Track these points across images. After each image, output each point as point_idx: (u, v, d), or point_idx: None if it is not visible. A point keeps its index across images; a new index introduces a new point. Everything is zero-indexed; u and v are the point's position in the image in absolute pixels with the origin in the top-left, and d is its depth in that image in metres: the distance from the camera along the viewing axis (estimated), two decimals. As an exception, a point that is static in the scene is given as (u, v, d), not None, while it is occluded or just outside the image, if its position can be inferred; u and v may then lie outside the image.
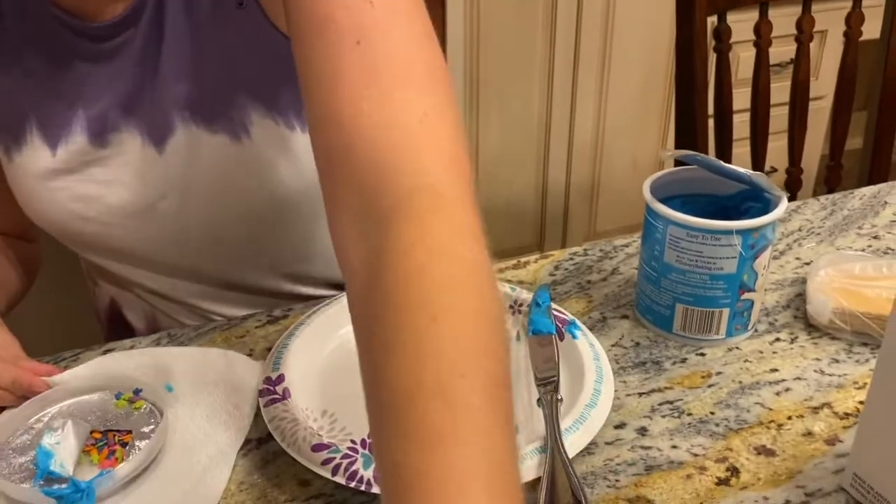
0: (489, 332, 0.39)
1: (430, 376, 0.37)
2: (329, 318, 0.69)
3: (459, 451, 0.35)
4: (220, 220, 0.73)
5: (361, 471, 0.52)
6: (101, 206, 0.71)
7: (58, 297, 1.24)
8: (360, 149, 0.45)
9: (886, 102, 1.21)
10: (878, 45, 1.28)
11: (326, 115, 0.47)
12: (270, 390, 0.60)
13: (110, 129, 0.69)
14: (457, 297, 0.40)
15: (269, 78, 0.69)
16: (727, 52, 1.16)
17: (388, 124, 0.45)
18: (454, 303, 0.39)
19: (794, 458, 0.56)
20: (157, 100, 0.68)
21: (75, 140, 0.69)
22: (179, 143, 0.69)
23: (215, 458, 0.57)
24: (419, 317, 0.39)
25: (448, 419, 0.35)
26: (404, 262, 0.41)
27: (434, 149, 0.45)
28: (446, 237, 0.42)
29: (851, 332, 0.67)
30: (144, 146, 0.69)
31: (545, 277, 0.78)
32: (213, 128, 0.68)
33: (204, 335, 0.71)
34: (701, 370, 0.65)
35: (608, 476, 0.55)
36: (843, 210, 0.88)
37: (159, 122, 0.68)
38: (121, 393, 0.61)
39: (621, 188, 2.09)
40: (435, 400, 0.36)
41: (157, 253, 0.75)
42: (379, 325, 0.40)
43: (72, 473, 0.54)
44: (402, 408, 0.37)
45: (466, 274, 0.41)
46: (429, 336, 0.38)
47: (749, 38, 1.18)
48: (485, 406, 0.36)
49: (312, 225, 0.78)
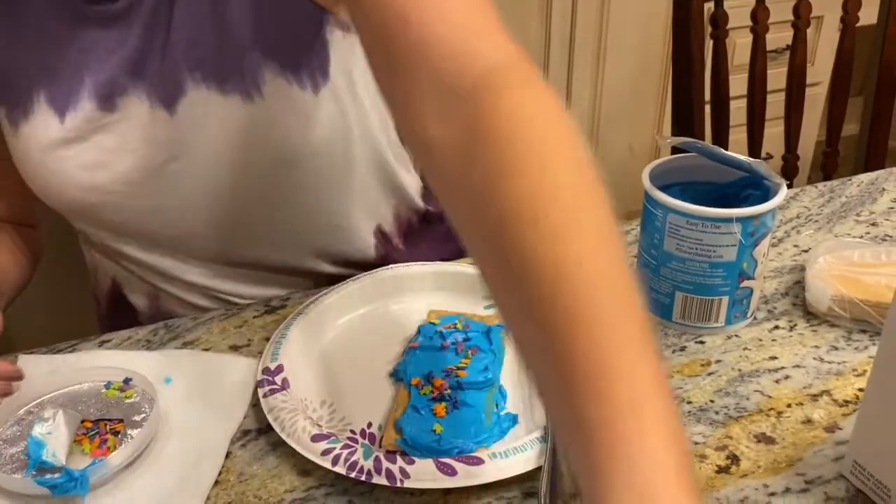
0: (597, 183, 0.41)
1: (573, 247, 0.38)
2: (327, 307, 0.69)
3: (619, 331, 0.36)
4: (227, 185, 0.72)
5: (361, 461, 0.52)
6: (109, 172, 0.70)
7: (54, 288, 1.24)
8: (432, 41, 0.46)
9: (883, 88, 1.21)
10: (874, 31, 1.28)
11: (391, 18, 0.48)
12: (269, 380, 0.60)
13: (118, 94, 0.68)
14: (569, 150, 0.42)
15: (287, 38, 0.68)
16: (724, 38, 1.16)
17: (452, 18, 0.47)
18: (563, 156, 0.41)
19: (793, 445, 0.56)
20: (168, 62, 0.68)
21: (83, 106, 0.68)
22: (190, 104, 0.68)
23: (209, 446, 0.57)
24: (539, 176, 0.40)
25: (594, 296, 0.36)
26: (507, 124, 0.42)
27: (502, 33, 0.47)
28: (541, 101, 0.43)
29: (850, 319, 0.67)
30: (154, 109, 0.69)
31: (543, 266, 0.78)
32: (225, 88, 0.68)
33: (202, 325, 0.71)
34: (700, 358, 0.65)
35: (608, 465, 0.55)
36: (841, 197, 0.88)
37: (169, 85, 0.68)
38: (111, 382, 0.61)
39: (617, 174, 2.07)
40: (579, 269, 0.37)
41: (164, 224, 0.74)
42: (495, 192, 0.40)
43: (64, 463, 0.54)
44: (551, 282, 0.37)
45: (566, 129, 0.42)
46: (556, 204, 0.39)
47: (746, 24, 1.17)
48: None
49: (322, 194, 0.77)
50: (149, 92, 0.68)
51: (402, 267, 0.73)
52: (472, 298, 0.71)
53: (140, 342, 0.69)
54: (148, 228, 0.74)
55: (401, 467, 0.52)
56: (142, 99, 0.68)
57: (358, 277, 0.72)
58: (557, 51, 1.88)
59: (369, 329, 0.69)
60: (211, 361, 0.65)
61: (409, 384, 0.60)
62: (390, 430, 0.56)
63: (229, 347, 0.68)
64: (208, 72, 0.68)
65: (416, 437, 0.54)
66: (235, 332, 0.70)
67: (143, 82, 0.68)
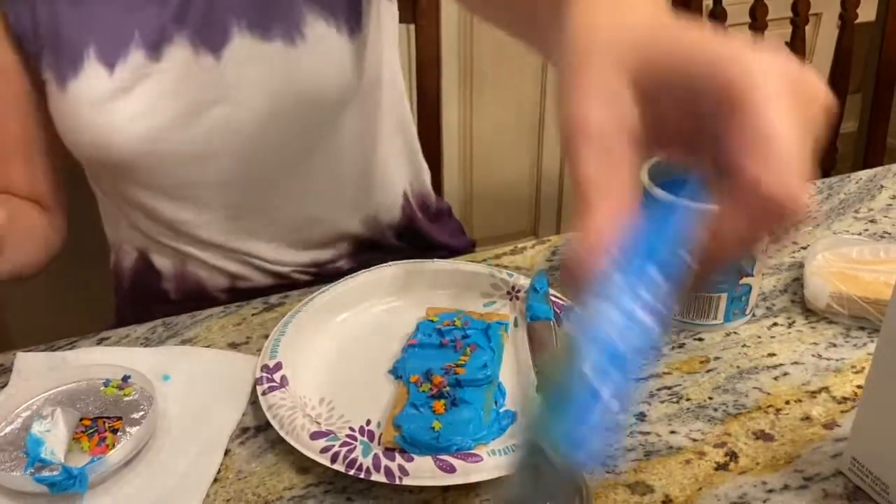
0: None
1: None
2: (326, 304, 0.69)
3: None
4: (268, 130, 0.75)
5: (360, 458, 0.52)
6: (156, 120, 0.72)
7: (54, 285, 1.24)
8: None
9: (881, 85, 1.21)
10: (872, 28, 1.28)
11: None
12: (268, 378, 0.60)
13: (165, 42, 0.72)
14: None
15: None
16: (723, 35, 1.16)
17: None
18: None
19: (792, 442, 0.56)
20: (213, 9, 0.71)
21: (132, 57, 0.71)
22: (234, 49, 0.72)
23: (207, 444, 0.57)
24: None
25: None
26: None
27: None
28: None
29: (849, 316, 0.67)
30: (199, 56, 0.72)
31: (542, 263, 0.78)
32: (269, 35, 0.72)
33: (200, 322, 0.71)
34: (699, 355, 0.65)
35: (607, 462, 0.55)
36: (840, 194, 0.88)
37: (215, 31, 0.72)
38: (109, 380, 0.61)
39: (615, 172, 2.09)
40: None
41: (204, 173, 0.76)
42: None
43: (63, 460, 0.54)
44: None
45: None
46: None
47: (745, 21, 1.17)
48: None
49: (356, 139, 0.81)
50: (193, 39, 0.72)
51: (400, 264, 0.73)
52: (470, 296, 0.71)
53: (139, 339, 0.69)
54: (188, 179, 0.77)
55: (399, 465, 0.52)
56: (187, 46, 0.72)
57: (357, 274, 0.72)
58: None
59: (368, 326, 0.69)
60: (210, 359, 0.65)
61: (407, 381, 0.60)
62: (389, 427, 0.56)
63: (228, 345, 0.68)
64: (253, 18, 0.72)
65: (414, 434, 0.54)
66: (234, 329, 0.70)
67: (189, 30, 0.72)
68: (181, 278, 0.84)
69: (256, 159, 0.77)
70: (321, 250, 0.86)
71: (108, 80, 0.71)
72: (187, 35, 0.72)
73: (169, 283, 0.85)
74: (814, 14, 1.78)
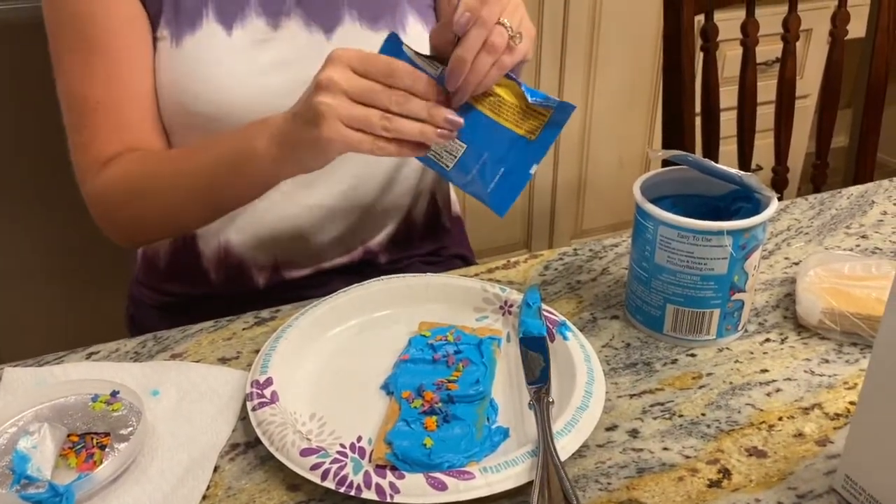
0: None
1: None
2: (317, 319, 0.68)
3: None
4: None
5: (351, 476, 0.52)
6: (267, 85, 0.77)
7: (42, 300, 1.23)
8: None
9: (871, 101, 1.22)
10: (862, 44, 1.29)
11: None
12: (259, 394, 0.59)
13: (284, 13, 0.79)
14: None
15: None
16: (714, 51, 1.16)
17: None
18: None
19: (785, 459, 0.56)
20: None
21: (251, 21, 0.78)
22: (344, 33, 0.80)
23: (196, 461, 0.57)
24: None
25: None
26: None
27: None
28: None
29: (841, 332, 0.67)
30: (312, 32, 0.80)
31: (535, 278, 0.78)
32: (377, 27, 0.81)
33: (190, 337, 0.70)
34: (692, 371, 0.65)
35: (600, 479, 0.55)
36: (831, 209, 0.88)
37: (330, 13, 0.80)
38: (97, 395, 0.60)
39: (608, 186, 2.09)
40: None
41: None
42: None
43: (49, 477, 0.53)
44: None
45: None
46: None
47: (736, 37, 1.18)
48: None
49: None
50: (307, 18, 0.80)
51: (392, 279, 0.73)
52: (463, 311, 0.71)
53: (128, 354, 0.69)
54: None
55: (391, 482, 0.51)
56: (301, 23, 0.80)
57: (349, 289, 0.71)
58: (548, 63, 1.88)
59: (360, 341, 0.69)
60: (199, 374, 0.65)
61: (399, 397, 0.60)
62: (380, 443, 0.56)
63: (218, 360, 0.67)
64: (364, 9, 0.81)
65: (406, 451, 0.54)
66: (224, 343, 0.69)
67: (305, 8, 0.80)
68: (224, 257, 0.86)
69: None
70: (369, 241, 0.90)
71: (227, 39, 0.77)
72: (303, 12, 0.80)
73: (210, 263, 0.86)
74: (804, 30, 1.79)
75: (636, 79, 2.00)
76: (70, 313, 1.18)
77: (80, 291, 1.24)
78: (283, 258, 0.87)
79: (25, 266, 1.27)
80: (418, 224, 0.94)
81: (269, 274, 0.87)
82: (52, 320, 1.25)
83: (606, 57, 1.93)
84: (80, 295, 1.24)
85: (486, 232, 1.97)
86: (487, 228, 1.97)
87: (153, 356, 0.68)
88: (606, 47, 1.92)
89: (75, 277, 1.18)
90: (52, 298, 1.23)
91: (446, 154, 0.65)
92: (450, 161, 0.65)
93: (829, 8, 1.24)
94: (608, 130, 2.03)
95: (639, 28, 1.93)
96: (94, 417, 0.59)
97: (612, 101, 2.00)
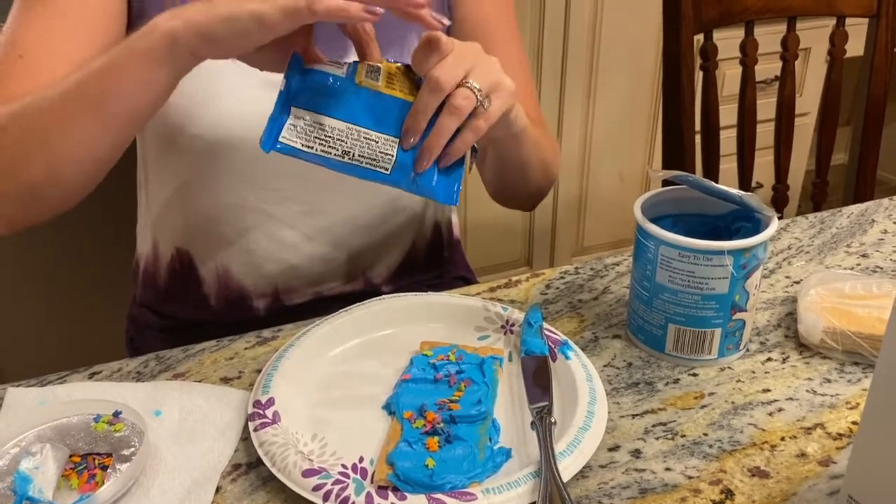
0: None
1: None
2: (320, 339, 0.68)
3: None
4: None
5: (353, 497, 0.52)
6: (262, 114, 0.73)
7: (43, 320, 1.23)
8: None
9: (870, 119, 1.23)
10: (861, 63, 1.30)
11: None
12: (260, 414, 0.59)
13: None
14: None
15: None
16: (713, 70, 1.17)
17: None
18: None
19: (787, 479, 0.56)
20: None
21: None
22: (350, 59, 0.78)
23: (198, 481, 0.56)
24: None
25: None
26: None
27: None
28: None
29: (843, 351, 0.67)
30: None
31: (537, 297, 0.78)
32: (385, 58, 0.77)
33: (193, 356, 0.70)
34: (694, 391, 0.65)
35: (602, 500, 0.55)
36: (832, 228, 0.88)
37: (337, 43, 0.74)
38: (100, 416, 0.60)
39: (608, 203, 2.10)
40: None
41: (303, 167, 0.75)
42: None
43: (51, 498, 0.53)
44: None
45: None
46: None
47: (735, 56, 1.19)
48: None
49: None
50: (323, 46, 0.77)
51: (393, 298, 0.73)
52: (464, 330, 0.71)
53: (130, 374, 0.69)
54: (279, 168, 0.80)
55: (392, 503, 0.51)
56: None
57: (350, 308, 0.71)
58: (549, 81, 1.89)
59: (361, 361, 0.69)
60: (202, 394, 0.65)
61: (401, 417, 0.60)
62: (382, 464, 0.56)
63: (220, 379, 0.67)
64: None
65: (408, 471, 0.54)
66: (227, 363, 0.69)
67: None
68: (223, 283, 0.86)
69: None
70: (369, 271, 0.90)
71: (230, 63, 0.69)
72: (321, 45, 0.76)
73: (210, 289, 0.86)
74: (803, 49, 1.80)
75: (636, 97, 2.01)
76: (72, 333, 1.18)
77: (81, 312, 1.24)
78: (283, 286, 0.87)
79: (27, 284, 1.27)
80: (420, 254, 0.93)
81: (270, 301, 0.88)
82: (54, 339, 1.25)
83: (606, 75, 1.94)
84: (81, 316, 1.24)
85: (487, 249, 1.97)
86: (488, 246, 1.97)
87: (155, 376, 0.68)
88: (606, 66, 1.93)
89: (77, 297, 1.18)
90: (55, 318, 1.23)
91: (381, 156, 0.60)
92: (387, 164, 0.60)
93: (828, 27, 1.25)
94: (609, 148, 2.04)
95: (639, 47, 1.94)
96: (96, 438, 0.59)
97: (612, 118, 2.00)
